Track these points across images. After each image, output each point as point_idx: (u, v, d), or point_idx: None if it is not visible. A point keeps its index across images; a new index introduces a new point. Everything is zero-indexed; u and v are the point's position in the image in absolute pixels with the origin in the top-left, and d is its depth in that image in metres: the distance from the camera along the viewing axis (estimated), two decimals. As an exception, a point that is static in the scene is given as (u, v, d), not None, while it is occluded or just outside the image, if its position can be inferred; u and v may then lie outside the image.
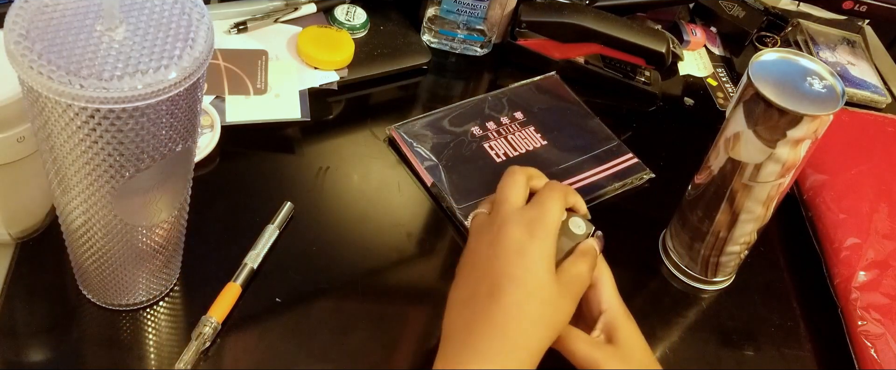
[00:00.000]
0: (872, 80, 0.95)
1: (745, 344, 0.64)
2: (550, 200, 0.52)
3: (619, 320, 0.52)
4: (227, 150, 0.67)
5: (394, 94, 0.79)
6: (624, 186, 0.74)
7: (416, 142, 0.71)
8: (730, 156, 0.58)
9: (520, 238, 0.49)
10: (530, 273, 0.48)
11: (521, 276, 0.48)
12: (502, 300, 0.47)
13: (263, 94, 0.72)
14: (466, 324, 0.48)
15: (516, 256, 0.49)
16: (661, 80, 0.88)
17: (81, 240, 0.48)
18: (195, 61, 0.39)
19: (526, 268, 0.48)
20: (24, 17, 0.38)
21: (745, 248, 0.64)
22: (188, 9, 0.41)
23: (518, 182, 0.54)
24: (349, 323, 0.58)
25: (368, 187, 0.68)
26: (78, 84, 0.36)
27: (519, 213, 0.51)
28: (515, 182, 0.54)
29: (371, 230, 0.65)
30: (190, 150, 0.46)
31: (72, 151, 0.40)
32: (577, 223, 0.54)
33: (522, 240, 0.49)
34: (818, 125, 0.54)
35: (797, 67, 0.57)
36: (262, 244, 0.59)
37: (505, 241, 0.50)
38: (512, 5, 0.83)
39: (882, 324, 0.62)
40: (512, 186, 0.53)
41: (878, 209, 0.71)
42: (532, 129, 0.75)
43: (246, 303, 0.57)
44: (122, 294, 0.53)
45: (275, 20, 0.78)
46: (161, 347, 0.53)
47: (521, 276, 0.48)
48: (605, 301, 0.53)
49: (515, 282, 0.48)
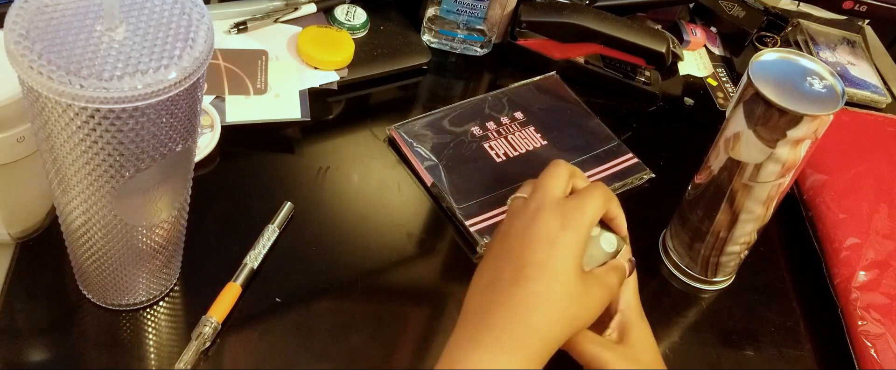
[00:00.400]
0: (872, 80, 0.95)
1: (745, 344, 0.64)
2: (592, 197, 0.51)
3: (633, 321, 0.52)
4: (227, 150, 0.67)
5: (394, 94, 0.79)
6: (624, 186, 0.74)
7: (416, 142, 0.71)
8: (730, 156, 0.58)
9: (553, 227, 0.49)
10: (558, 263, 0.47)
11: (548, 264, 0.47)
12: (527, 287, 0.46)
13: (263, 94, 0.72)
14: (486, 306, 0.47)
15: (546, 244, 0.48)
16: (661, 80, 0.88)
17: (81, 240, 0.48)
18: (195, 61, 0.39)
19: (555, 258, 0.47)
20: (24, 17, 0.38)
21: (745, 248, 0.64)
22: (188, 9, 0.41)
23: (561, 174, 0.53)
24: (349, 323, 0.58)
25: (368, 187, 0.68)
26: (78, 84, 0.36)
27: (556, 203, 0.51)
28: (558, 173, 0.53)
29: (371, 230, 0.65)
30: (190, 149, 0.46)
31: (72, 151, 0.40)
32: (610, 240, 0.53)
33: (555, 229, 0.49)
34: (818, 125, 0.54)
35: (797, 67, 0.57)
36: (262, 244, 0.59)
37: (537, 228, 0.49)
38: (512, 5, 0.83)
39: (882, 324, 0.62)
40: (554, 176, 0.53)
41: (878, 209, 0.71)
42: (532, 129, 0.75)
43: (246, 303, 0.57)
44: (122, 294, 0.53)
45: (275, 20, 0.78)
46: (161, 347, 0.53)
47: (549, 265, 0.47)
48: (622, 301, 0.53)
49: (542, 270, 0.47)
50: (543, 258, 0.47)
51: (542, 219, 0.49)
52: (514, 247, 0.49)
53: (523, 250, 0.48)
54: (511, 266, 0.48)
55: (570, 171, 0.54)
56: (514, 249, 0.49)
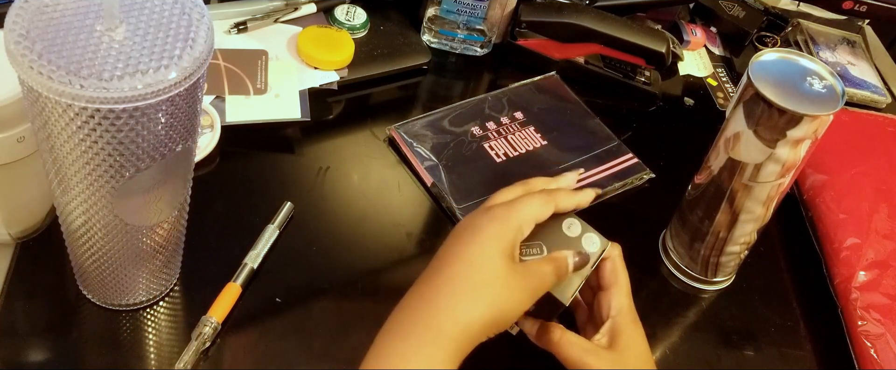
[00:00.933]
0: (872, 80, 0.95)
1: (745, 344, 0.64)
2: (526, 198, 0.51)
3: (624, 325, 0.52)
4: (227, 150, 0.67)
5: (394, 94, 0.79)
6: (624, 186, 0.74)
7: (416, 142, 0.71)
8: (730, 156, 0.58)
9: (479, 221, 0.49)
10: (478, 248, 0.47)
11: (466, 252, 0.47)
12: (442, 273, 0.46)
13: (263, 94, 0.72)
14: (407, 299, 0.47)
15: (469, 234, 0.48)
16: (661, 80, 0.88)
17: (81, 240, 0.48)
18: (195, 61, 0.39)
19: (474, 244, 0.47)
20: (24, 17, 0.38)
21: (745, 248, 0.64)
22: (188, 9, 0.41)
23: (511, 189, 0.54)
24: (349, 323, 0.58)
25: (368, 187, 0.68)
26: (78, 84, 0.36)
27: (487, 205, 0.51)
28: (508, 189, 0.54)
29: (371, 230, 0.65)
30: (190, 150, 0.46)
31: (72, 151, 0.40)
32: (592, 240, 0.53)
33: (479, 222, 0.49)
34: (818, 125, 0.54)
35: (797, 67, 0.57)
36: (262, 244, 0.59)
37: (462, 224, 0.49)
38: (512, 5, 0.83)
39: (882, 324, 0.62)
40: (502, 192, 0.53)
41: (878, 209, 0.71)
42: (532, 129, 0.75)
43: (246, 303, 0.57)
44: (122, 294, 0.53)
45: (275, 20, 0.78)
46: (161, 347, 0.53)
47: (467, 252, 0.47)
48: (614, 306, 0.53)
49: (460, 258, 0.47)
50: (464, 248, 0.47)
51: (470, 216, 0.50)
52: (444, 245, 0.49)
53: (449, 242, 0.49)
54: (436, 259, 0.48)
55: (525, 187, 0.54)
56: (444, 246, 0.49)
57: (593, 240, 0.53)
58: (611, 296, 0.53)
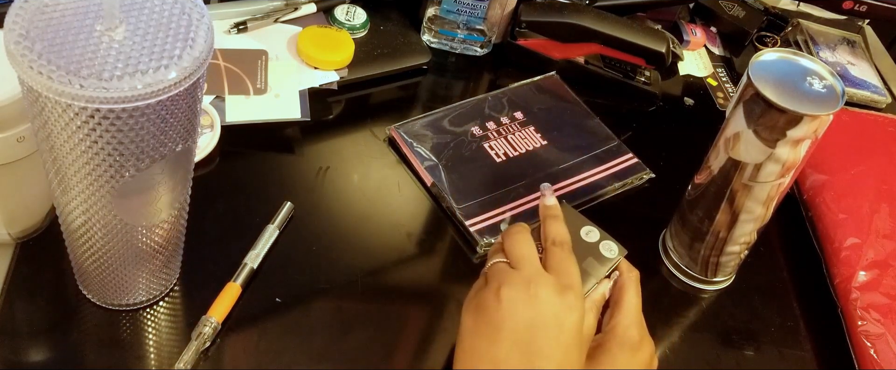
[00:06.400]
0: (872, 80, 0.95)
1: (745, 344, 0.64)
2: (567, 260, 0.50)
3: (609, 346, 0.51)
4: (227, 150, 0.67)
5: (394, 94, 0.79)
6: (624, 186, 0.74)
7: (416, 142, 0.71)
8: (730, 156, 0.58)
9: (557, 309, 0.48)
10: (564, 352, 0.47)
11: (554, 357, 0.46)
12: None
13: (263, 94, 0.72)
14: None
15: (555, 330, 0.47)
16: (661, 80, 0.88)
17: (81, 240, 0.48)
18: (195, 61, 0.39)
19: (562, 348, 0.47)
20: (24, 17, 0.38)
21: (745, 248, 0.64)
22: (188, 9, 0.41)
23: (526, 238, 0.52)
24: (349, 323, 0.58)
25: (368, 187, 0.68)
26: (78, 84, 0.36)
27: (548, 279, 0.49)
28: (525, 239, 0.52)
29: (371, 230, 0.65)
30: (190, 150, 0.46)
31: (72, 151, 0.40)
32: (610, 247, 0.54)
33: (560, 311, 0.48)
34: (818, 125, 0.54)
35: (797, 67, 0.57)
36: (262, 244, 0.59)
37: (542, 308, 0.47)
38: (512, 5, 0.83)
39: (882, 324, 0.62)
40: (524, 244, 0.51)
41: (878, 209, 0.71)
42: (532, 129, 0.75)
43: (246, 303, 0.57)
44: (122, 294, 0.53)
45: (275, 20, 0.78)
46: (161, 347, 0.53)
47: (555, 356, 0.47)
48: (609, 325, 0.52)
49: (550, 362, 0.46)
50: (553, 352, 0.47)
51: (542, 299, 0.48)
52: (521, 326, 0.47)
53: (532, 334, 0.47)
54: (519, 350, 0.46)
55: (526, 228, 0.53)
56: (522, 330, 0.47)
57: (611, 247, 0.55)
58: (610, 313, 0.53)
